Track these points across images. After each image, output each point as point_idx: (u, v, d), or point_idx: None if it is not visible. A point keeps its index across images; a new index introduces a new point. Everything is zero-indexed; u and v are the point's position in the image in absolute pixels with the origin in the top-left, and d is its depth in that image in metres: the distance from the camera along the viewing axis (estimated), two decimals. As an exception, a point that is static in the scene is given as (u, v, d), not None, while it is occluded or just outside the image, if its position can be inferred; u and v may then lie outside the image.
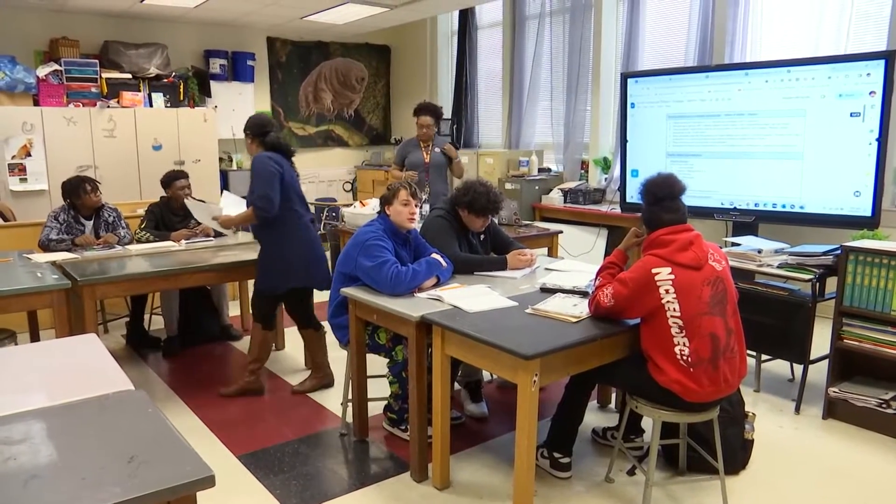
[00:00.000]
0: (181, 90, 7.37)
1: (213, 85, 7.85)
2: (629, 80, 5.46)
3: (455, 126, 8.38)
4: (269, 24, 8.01)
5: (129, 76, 7.02)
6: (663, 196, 2.60)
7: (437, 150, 5.30)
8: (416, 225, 3.37)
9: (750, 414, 3.06)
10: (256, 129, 3.77)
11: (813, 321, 3.54)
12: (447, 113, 8.60)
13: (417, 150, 5.30)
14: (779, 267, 3.62)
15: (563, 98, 7.10)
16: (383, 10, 7.04)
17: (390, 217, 3.25)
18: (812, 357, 3.61)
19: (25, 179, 6.27)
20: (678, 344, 2.46)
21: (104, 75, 6.85)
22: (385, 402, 3.40)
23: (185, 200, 4.48)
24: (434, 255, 3.21)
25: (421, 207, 4.52)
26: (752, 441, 3.04)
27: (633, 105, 5.44)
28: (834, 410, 3.51)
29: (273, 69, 8.61)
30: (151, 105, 7.11)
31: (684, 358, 2.46)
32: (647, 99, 5.34)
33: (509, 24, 7.69)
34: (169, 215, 4.71)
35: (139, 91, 7.04)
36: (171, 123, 6.98)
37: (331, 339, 3.62)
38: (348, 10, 7.12)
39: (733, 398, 2.93)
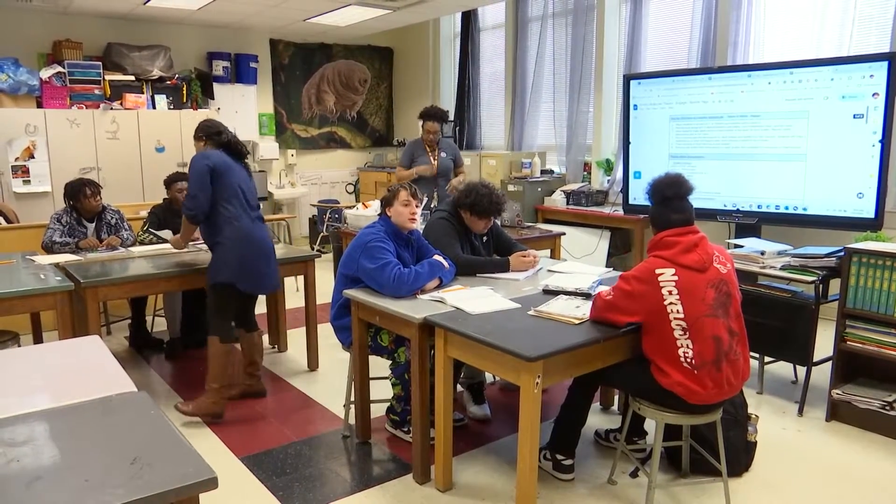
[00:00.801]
0: (184, 92, 7.39)
1: (216, 87, 7.87)
2: (632, 82, 5.46)
3: (458, 128, 8.38)
4: (271, 26, 8.03)
5: (133, 78, 7.04)
6: (671, 196, 2.60)
7: (443, 154, 5.29)
8: (419, 226, 3.37)
9: (753, 416, 3.05)
10: (207, 130, 3.65)
11: (816, 323, 3.53)
12: (450, 115, 8.62)
13: (424, 156, 5.28)
14: (782, 269, 3.61)
15: (565, 100, 7.10)
16: (386, 12, 7.05)
17: (391, 218, 3.25)
18: (815, 359, 3.60)
19: (29, 181, 6.29)
20: (682, 346, 2.46)
21: (107, 77, 6.87)
22: (387, 404, 3.40)
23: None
24: (436, 257, 3.22)
25: (430, 210, 4.51)
26: (756, 443, 3.03)
27: (635, 107, 5.44)
28: (837, 412, 3.50)
29: (276, 71, 8.62)
30: (154, 107, 7.13)
31: (688, 360, 2.45)
32: (649, 101, 5.34)
33: (512, 26, 7.70)
34: (169, 217, 4.71)
35: (142, 93, 7.06)
36: (174, 125, 6.99)
37: (333, 340, 3.62)
38: (351, 13, 7.13)
39: (736, 400, 2.92)
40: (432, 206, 4.85)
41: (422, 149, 5.30)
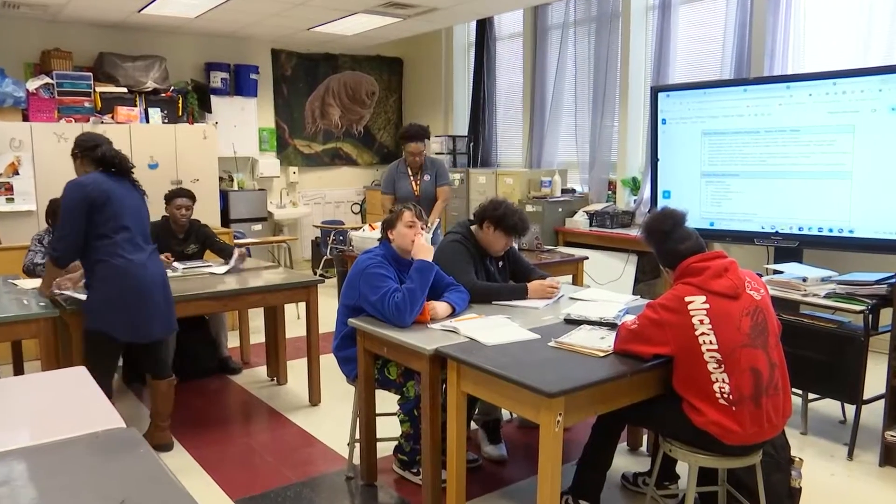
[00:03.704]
0: (180, 105, 7.48)
1: (214, 100, 7.97)
2: (660, 95, 5.47)
3: (472, 144, 8.43)
4: (273, 35, 8.15)
5: (125, 90, 7.14)
6: (669, 228, 2.65)
7: (426, 177, 5.25)
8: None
9: (797, 459, 3.01)
10: (82, 145, 3.46)
11: (866, 357, 3.49)
12: (463, 129, 8.68)
13: (405, 180, 5.23)
14: (826, 297, 3.58)
15: (588, 113, 7.13)
16: (395, 20, 7.14)
17: (393, 241, 3.27)
18: (865, 397, 3.55)
19: (12, 199, 6.37)
20: (717, 380, 2.44)
21: (98, 89, 6.98)
22: (395, 443, 3.39)
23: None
24: (422, 259, 3.15)
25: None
26: (800, 489, 2.98)
27: (664, 121, 5.45)
28: (892, 456, 3.44)
29: (278, 83, 8.73)
30: (148, 121, 7.22)
31: (724, 396, 2.43)
32: (679, 114, 5.35)
33: (530, 35, 7.77)
34: (167, 237, 4.73)
35: (135, 106, 7.16)
36: (168, 140, 7.08)
37: (337, 373, 3.62)
38: (358, 21, 7.22)
39: (778, 441, 2.89)
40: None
41: (402, 172, 5.25)
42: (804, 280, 3.73)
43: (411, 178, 5.23)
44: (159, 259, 3.67)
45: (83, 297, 3.42)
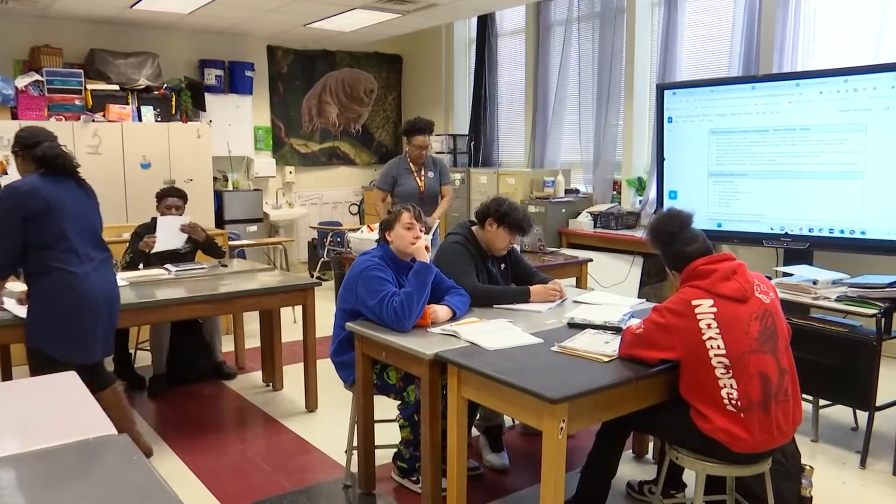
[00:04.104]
0: (173, 103, 7.49)
1: (208, 97, 7.98)
2: (666, 92, 5.48)
3: (473, 143, 8.44)
4: (269, 31, 8.16)
5: (117, 88, 7.15)
6: (676, 230, 2.65)
7: (430, 174, 5.23)
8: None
9: (807, 467, 3.01)
10: (23, 141, 3.27)
11: (878, 362, 3.49)
12: (464, 128, 8.69)
13: (408, 176, 5.21)
14: (837, 300, 3.58)
15: (592, 112, 7.14)
16: (395, 16, 7.15)
17: (392, 244, 3.27)
18: (878, 403, 3.55)
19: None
20: (724, 386, 2.44)
21: (89, 86, 6.98)
22: (394, 450, 3.39)
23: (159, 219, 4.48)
24: (421, 261, 3.14)
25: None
26: (811, 498, 2.98)
27: (670, 119, 5.46)
28: (903, 464, 3.44)
29: (273, 80, 8.74)
30: (140, 119, 7.23)
31: (732, 402, 2.43)
32: (686, 112, 5.36)
33: (533, 31, 7.78)
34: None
35: (127, 104, 7.16)
36: (161, 139, 7.08)
37: (334, 378, 3.61)
38: (356, 17, 7.23)
39: (787, 449, 2.88)
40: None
41: (405, 169, 5.23)
42: (815, 283, 3.72)
43: (415, 174, 5.22)
44: (111, 270, 3.45)
45: (21, 312, 3.25)
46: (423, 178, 5.20)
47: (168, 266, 4.55)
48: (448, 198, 5.32)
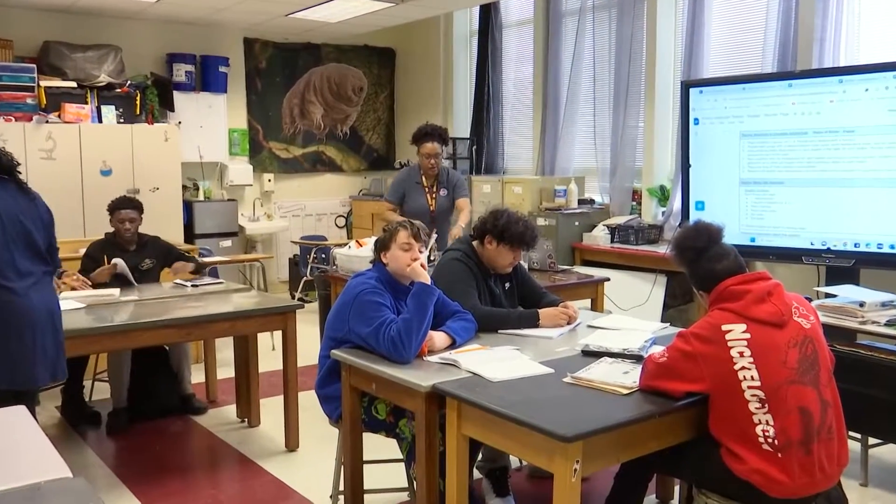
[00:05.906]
0: (137, 102, 7.51)
1: (177, 96, 8.00)
2: (692, 90, 5.50)
3: (475, 147, 8.45)
4: (246, 22, 8.20)
5: (74, 85, 7.16)
6: (703, 245, 2.66)
7: (442, 192, 5.25)
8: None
9: (854, 514, 3.00)
10: None
11: (933, 394, 3.49)
12: (465, 131, 8.70)
13: (419, 192, 5.23)
14: (887, 324, 3.59)
15: (608, 112, 7.17)
16: (387, 5, 7.19)
17: (387, 265, 3.26)
18: (933, 441, 3.54)
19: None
20: (759, 422, 2.44)
21: (43, 83, 6.99)
22: (385, 496, 3.36)
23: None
24: (420, 283, 3.11)
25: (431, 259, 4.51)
26: (858, 550, 2.97)
27: (696, 121, 5.48)
28: (963, 510, 3.43)
29: (251, 77, 8.78)
30: (100, 120, 7.24)
31: (769, 440, 2.43)
32: (714, 113, 5.38)
33: (542, 22, 7.81)
34: (115, 254, 4.72)
35: (86, 103, 7.18)
36: (124, 143, 7.09)
37: (318, 413, 3.60)
38: (343, 6, 7.27)
39: (833, 494, 2.86)
40: (432, 256, 4.85)
41: (416, 182, 5.25)
42: (861, 305, 3.73)
43: (427, 190, 5.24)
44: (51, 285, 3.47)
45: None
46: (434, 196, 5.22)
47: (178, 281, 4.69)
48: (467, 212, 5.32)
